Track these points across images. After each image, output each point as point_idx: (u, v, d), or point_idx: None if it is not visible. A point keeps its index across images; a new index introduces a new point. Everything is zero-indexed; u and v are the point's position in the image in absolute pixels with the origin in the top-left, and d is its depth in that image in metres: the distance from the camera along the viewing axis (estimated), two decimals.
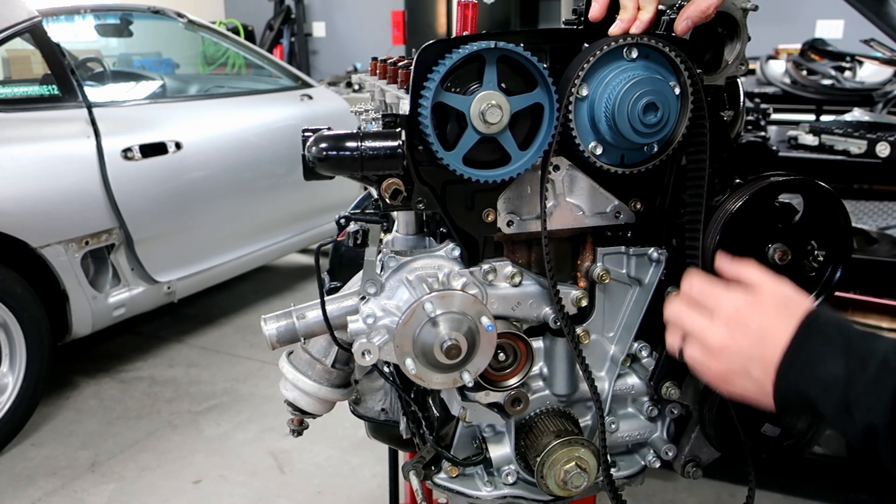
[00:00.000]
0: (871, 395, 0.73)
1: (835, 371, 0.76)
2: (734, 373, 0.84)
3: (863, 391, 0.74)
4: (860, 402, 0.74)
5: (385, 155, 0.94)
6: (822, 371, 0.77)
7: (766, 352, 0.80)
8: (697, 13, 0.92)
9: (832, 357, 0.77)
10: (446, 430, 1.13)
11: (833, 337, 0.78)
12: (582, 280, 1.09)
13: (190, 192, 3.37)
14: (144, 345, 3.72)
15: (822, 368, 0.77)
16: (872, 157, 2.23)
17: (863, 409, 0.74)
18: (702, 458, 1.15)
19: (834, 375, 0.76)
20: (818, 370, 0.77)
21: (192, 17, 3.94)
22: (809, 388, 0.78)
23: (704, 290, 0.87)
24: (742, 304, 0.84)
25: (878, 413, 0.73)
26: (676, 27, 0.93)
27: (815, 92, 3.56)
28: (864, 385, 0.74)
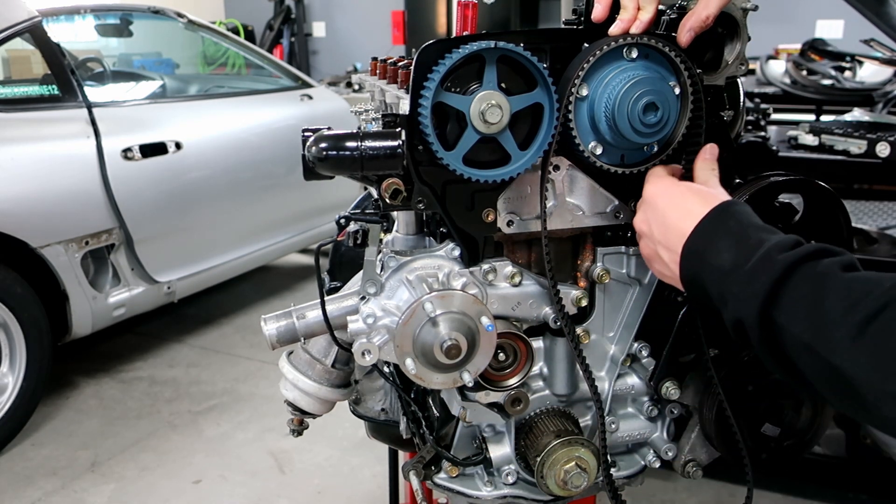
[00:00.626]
0: (744, 287, 0.73)
1: (722, 259, 0.77)
2: (651, 255, 0.92)
3: (737, 282, 0.74)
4: (733, 294, 0.75)
5: (385, 155, 0.94)
6: (713, 259, 0.78)
7: (671, 237, 0.86)
8: (698, 23, 0.92)
9: (725, 247, 0.78)
10: (446, 430, 1.13)
11: (732, 228, 0.80)
12: (582, 280, 1.09)
13: (190, 192, 3.37)
14: (144, 345, 3.72)
15: (713, 255, 0.79)
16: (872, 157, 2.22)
17: (734, 301, 0.74)
18: (702, 458, 1.15)
19: (721, 263, 0.77)
20: (710, 258, 0.79)
21: (192, 17, 3.94)
22: (703, 275, 0.80)
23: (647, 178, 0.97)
24: (658, 190, 0.91)
25: (745, 305, 0.73)
26: (679, 40, 0.93)
27: (815, 92, 3.56)
28: (741, 276, 0.74)
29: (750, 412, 1.08)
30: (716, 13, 0.92)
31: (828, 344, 0.66)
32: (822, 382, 0.69)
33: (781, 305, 0.70)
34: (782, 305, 0.70)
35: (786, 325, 0.70)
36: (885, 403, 0.63)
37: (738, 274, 0.75)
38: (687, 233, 0.83)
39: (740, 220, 0.81)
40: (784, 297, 0.70)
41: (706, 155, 0.96)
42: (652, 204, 0.91)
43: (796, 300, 0.70)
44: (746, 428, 1.08)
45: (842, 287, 0.68)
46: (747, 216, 0.81)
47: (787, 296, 0.70)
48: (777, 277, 0.71)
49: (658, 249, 0.89)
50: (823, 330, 0.67)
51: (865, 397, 0.64)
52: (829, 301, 0.67)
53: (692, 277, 0.83)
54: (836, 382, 0.67)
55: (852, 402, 0.67)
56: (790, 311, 0.70)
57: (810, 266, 0.71)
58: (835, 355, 0.66)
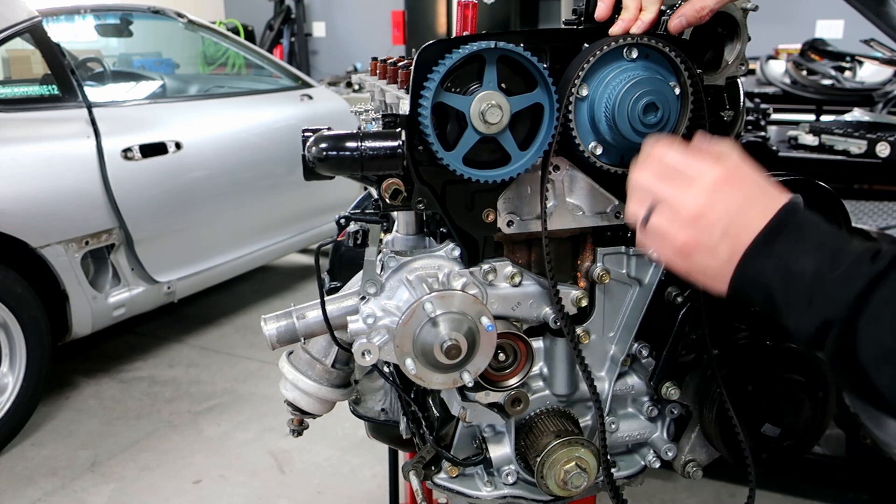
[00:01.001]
0: (837, 289, 0.72)
1: (804, 265, 0.74)
2: (701, 247, 0.80)
3: (829, 285, 0.72)
4: (824, 296, 0.73)
5: (385, 155, 0.94)
6: (792, 262, 0.75)
7: (742, 229, 0.78)
8: (692, 13, 0.92)
9: (804, 252, 0.75)
10: (446, 430, 1.13)
11: (809, 231, 0.77)
12: (582, 280, 1.09)
13: (190, 192, 3.37)
14: (144, 345, 3.72)
15: (792, 260, 0.75)
16: (872, 157, 2.23)
17: (823, 304, 0.72)
18: (702, 458, 1.15)
19: (802, 269, 0.74)
20: (788, 260, 0.75)
21: (192, 17, 3.94)
22: (773, 277, 0.76)
23: (684, 159, 0.83)
24: (726, 175, 0.80)
25: (837, 307, 0.71)
26: (670, 24, 0.93)
27: (815, 92, 3.56)
28: (832, 280, 0.72)
29: (750, 412, 1.08)
30: (713, 7, 0.92)
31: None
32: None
33: (870, 312, 0.69)
34: (871, 312, 0.69)
35: (872, 332, 0.69)
36: None
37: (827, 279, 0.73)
38: (757, 227, 0.77)
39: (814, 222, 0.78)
40: (873, 304, 0.69)
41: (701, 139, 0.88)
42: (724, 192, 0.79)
43: (886, 307, 0.69)
44: (746, 428, 1.08)
45: None
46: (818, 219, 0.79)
47: (877, 302, 0.69)
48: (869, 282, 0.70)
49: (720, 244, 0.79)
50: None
51: None
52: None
53: (753, 277, 0.77)
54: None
55: None
56: (879, 317, 0.69)
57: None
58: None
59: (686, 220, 0.80)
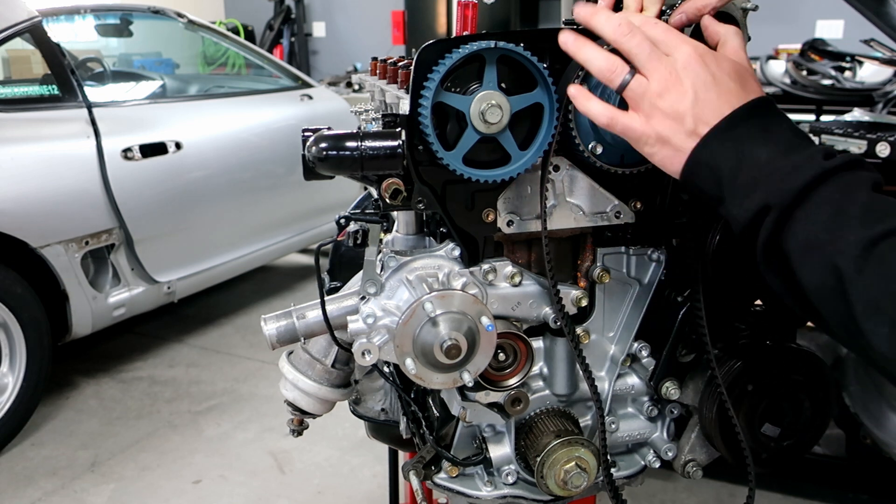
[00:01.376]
0: (784, 177, 0.73)
1: (758, 154, 0.76)
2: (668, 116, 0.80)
3: (777, 173, 0.74)
4: (769, 182, 0.74)
5: (385, 155, 0.94)
6: (747, 150, 0.76)
7: (708, 110, 0.79)
8: (693, 10, 0.91)
9: (762, 142, 0.76)
10: (446, 430, 1.13)
11: (772, 126, 0.78)
12: (582, 280, 1.09)
13: (190, 192, 3.37)
14: (144, 345, 3.72)
15: (748, 148, 0.76)
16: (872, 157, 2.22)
17: (767, 189, 0.74)
18: (702, 458, 1.15)
19: (755, 156, 0.76)
20: (743, 148, 0.77)
21: (192, 17, 3.94)
22: (725, 161, 0.77)
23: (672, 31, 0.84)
24: (710, 56, 0.81)
25: (780, 193, 0.73)
26: (671, 21, 0.93)
27: (815, 92, 3.56)
28: (781, 168, 0.74)
29: (750, 412, 1.08)
30: (715, 5, 0.91)
31: (837, 245, 0.68)
32: (815, 286, 0.70)
33: (809, 204, 0.72)
34: (810, 204, 0.72)
35: (806, 223, 0.71)
36: (870, 318, 0.65)
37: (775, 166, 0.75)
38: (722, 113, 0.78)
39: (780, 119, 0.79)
40: (814, 197, 0.72)
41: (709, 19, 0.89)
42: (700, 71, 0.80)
43: (824, 202, 0.71)
44: (746, 428, 1.08)
45: (869, 200, 0.70)
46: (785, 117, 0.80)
47: (818, 196, 0.72)
48: (815, 177, 0.72)
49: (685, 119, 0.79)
50: (839, 232, 0.69)
51: (854, 307, 0.66)
52: (853, 209, 0.69)
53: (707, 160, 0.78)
54: (832, 288, 0.68)
55: (839, 312, 0.68)
56: (816, 210, 0.71)
57: (846, 175, 0.72)
58: (840, 257, 0.67)
59: (660, 86, 0.81)
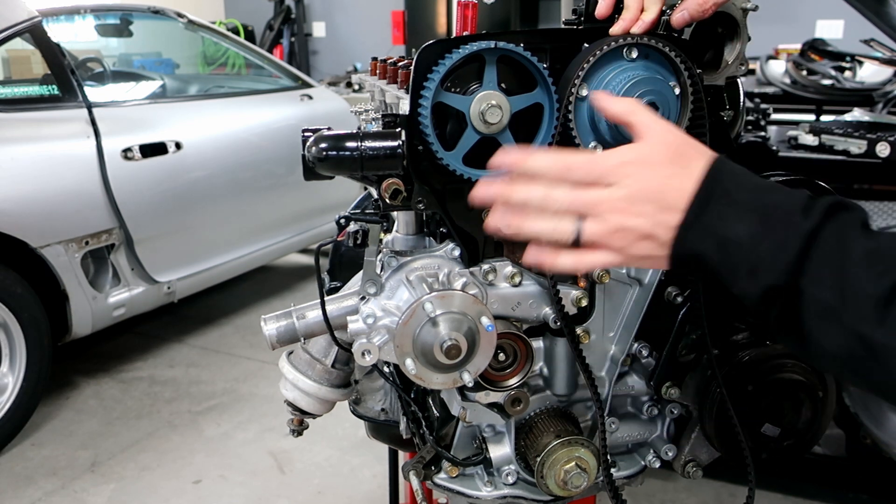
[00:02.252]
0: (774, 254, 0.70)
1: (738, 232, 0.72)
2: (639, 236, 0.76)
3: (766, 251, 0.71)
4: (762, 263, 0.71)
5: (385, 155, 0.94)
6: (725, 231, 0.73)
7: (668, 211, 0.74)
8: (695, 7, 0.91)
9: (736, 217, 0.72)
10: (446, 430, 1.13)
11: (738, 193, 0.74)
12: (582, 280, 1.09)
13: (190, 192, 3.37)
14: (144, 345, 3.72)
15: (725, 229, 0.73)
16: (872, 157, 2.22)
17: (764, 271, 0.71)
18: (702, 458, 1.15)
19: (737, 236, 0.72)
20: (721, 231, 0.73)
21: (192, 17, 3.94)
22: (708, 250, 0.74)
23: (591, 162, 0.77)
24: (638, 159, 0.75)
25: (777, 272, 0.70)
26: (673, 18, 0.93)
27: (815, 92, 3.56)
28: (767, 245, 0.71)
29: (750, 412, 1.08)
30: (716, 2, 0.91)
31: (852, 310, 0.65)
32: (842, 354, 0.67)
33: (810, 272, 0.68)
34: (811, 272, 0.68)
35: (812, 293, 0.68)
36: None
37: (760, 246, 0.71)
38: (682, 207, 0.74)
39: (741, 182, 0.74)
40: (812, 263, 0.68)
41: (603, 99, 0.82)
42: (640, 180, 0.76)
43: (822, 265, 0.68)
44: (746, 428, 1.08)
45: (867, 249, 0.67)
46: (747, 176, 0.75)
47: (813, 262, 0.68)
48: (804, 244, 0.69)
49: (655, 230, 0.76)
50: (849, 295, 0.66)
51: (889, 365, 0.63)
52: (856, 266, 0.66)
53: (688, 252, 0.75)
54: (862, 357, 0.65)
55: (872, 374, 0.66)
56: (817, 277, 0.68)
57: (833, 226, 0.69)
58: (862, 323, 0.64)
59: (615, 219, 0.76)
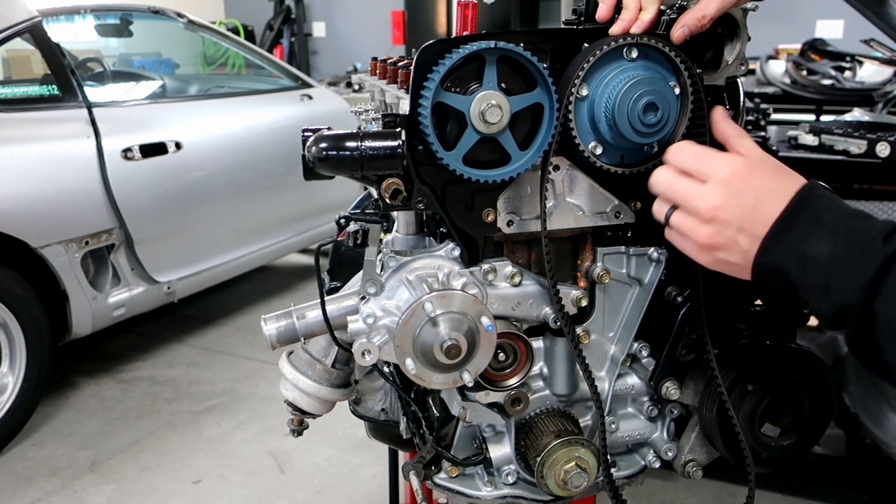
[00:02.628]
0: (851, 274, 0.73)
1: (819, 251, 0.76)
2: (722, 239, 0.83)
3: (843, 271, 0.74)
4: (839, 282, 0.74)
5: (385, 155, 0.94)
6: (807, 249, 0.76)
7: (757, 221, 0.80)
8: (694, 22, 0.92)
9: (819, 237, 0.76)
10: (446, 430, 1.13)
11: (823, 216, 0.77)
12: (582, 280, 1.09)
13: (190, 192, 3.37)
14: (144, 345, 3.72)
15: (807, 247, 0.77)
16: (872, 157, 2.22)
17: (839, 289, 0.74)
18: (702, 458, 1.15)
19: (817, 255, 0.76)
20: (803, 248, 0.77)
21: (192, 17, 3.94)
22: (790, 265, 0.78)
23: (699, 155, 0.87)
24: (740, 167, 0.83)
25: (853, 293, 0.73)
26: (673, 35, 0.93)
27: (815, 92, 3.56)
28: (845, 265, 0.74)
29: (750, 412, 1.08)
30: (714, 15, 0.92)
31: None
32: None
33: (884, 293, 0.71)
34: (885, 293, 0.71)
35: (886, 312, 0.70)
36: None
37: (840, 263, 0.74)
38: (772, 217, 0.79)
39: (829, 204, 0.78)
40: (887, 285, 0.71)
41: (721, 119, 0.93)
42: (737, 184, 0.82)
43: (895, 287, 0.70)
44: (746, 428, 1.08)
45: None
46: (834, 200, 0.79)
47: (889, 284, 0.70)
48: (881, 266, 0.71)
49: (738, 237, 0.81)
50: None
51: None
52: None
53: (772, 266, 0.79)
54: None
55: None
56: (891, 298, 0.70)
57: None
58: None
59: (704, 215, 0.83)
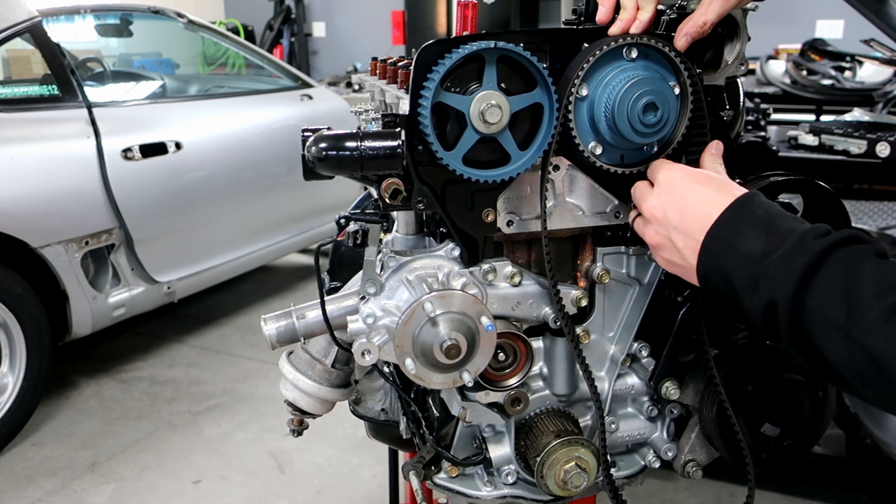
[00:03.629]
0: (779, 269, 0.74)
1: (753, 247, 0.78)
2: (660, 238, 0.90)
3: (772, 266, 0.75)
4: (767, 277, 0.76)
5: (385, 155, 0.94)
6: (742, 246, 0.79)
7: (690, 222, 0.85)
8: (695, 29, 0.92)
9: (754, 235, 0.79)
10: (446, 430, 1.13)
11: (760, 216, 0.80)
12: (582, 280, 1.09)
13: (190, 192, 3.37)
14: (144, 345, 3.72)
15: (742, 243, 0.79)
16: (872, 157, 2.23)
17: (767, 284, 0.75)
18: (702, 458, 1.15)
19: (751, 251, 0.78)
20: (738, 245, 0.80)
21: (192, 17, 3.94)
22: (728, 262, 0.81)
23: (655, 165, 0.95)
24: (678, 174, 0.90)
25: (780, 287, 0.74)
26: (676, 43, 0.93)
27: (815, 92, 3.56)
28: (775, 260, 0.75)
29: (750, 412, 1.08)
30: (714, 20, 0.92)
31: (860, 325, 0.67)
32: (849, 367, 0.69)
33: (815, 288, 0.71)
34: (816, 288, 0.71)
35: (818, 308, 0.71)
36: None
37: (770, 259, 0.75)
38: (711, 219, 0.83)
39: (768, 209, 0.81)
40: (818, 281, 0.71)
41: (713, 150, 0.96)
42: (669, 187, 0.89)
43: (831, 283, 0.71)
44: (746, 428, 1.08)
45: (876, 271, 0.69)
46: (773, 206, 0.82)
47: (822, 279, 0.71)
48: (813, 261, 0.72)
49: (672, 235, 0.87)
50: (857, 311, 0.68)
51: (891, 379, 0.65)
52: (863, 283, 0.68)
53: (713, 264, 0.83)
54: (866, 366, 0.67)
55: (879, 386, 0.67)
56: (824, 293, 0.71)
57: (844, 251, 0.72)
58: (868, 336, 0.66)
59: (647, 218, 0.93)
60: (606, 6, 0.94)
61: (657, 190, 0.91)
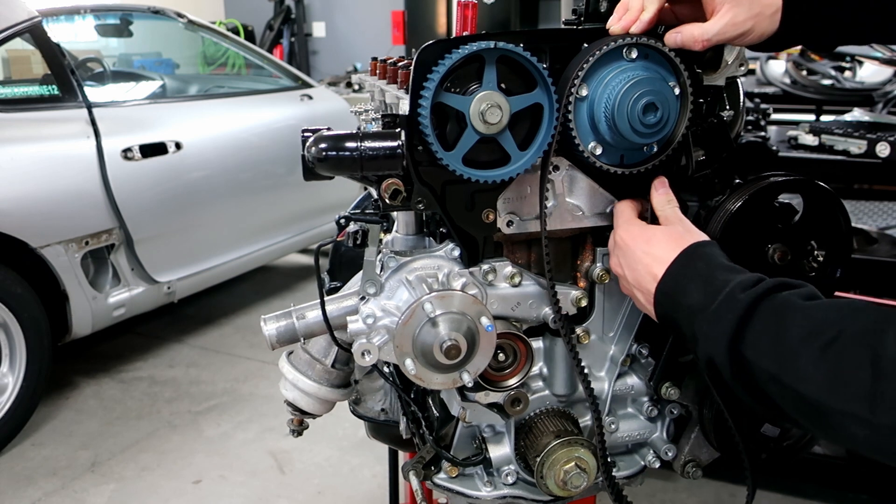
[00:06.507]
0: (712, 326, 0.77)
1: (693, 300, 0.81)
2: (627, 290, 0.97)
3: (706, 322, 0.78)
4: (703, 333, 0.78)
5: (385, 155, 0.94)
6: (684, 300, 0.83)
7: (644, 281, 0.90)
8: (690, 39, 0.91)
9: (694, 288, 0.82)
10: (446, 430, 1.13)
11: (700, 269, 0.84)
12: (582, 280, 1.09)
13: (190, 192, 3.37)
14: (144, 345, 3.72)
15: (684, 297, 0.83)
16: (872, 157, 2.23)
17: (703, 341, 0.78)
18: (702, 458, 1.15)
19: (691, 303, 0.81)
20: (681, 299, 0.83)
21: (192, 17, 3.93)
22: (676, 315, 0.85)
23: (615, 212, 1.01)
24: (627, 238, 0.95)
25: (714, 344, 0.77)
26: (666, 37, 0.93)
27: (815, 92, 3.56)
28: (707, 316, 0.78)
29: (749, 412, 1.08)
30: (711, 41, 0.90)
31: (792, 372, 0.70)
32: (793, 410, 0.72)
33: (747, 341, 0.74)
34: (748, 341, 0.74)
35: (753, 360, 0.73)
36: (847, 423, 0.66)
37: (705, 314, 0.79)
38: (658, 277, 0.88)
39: (708, 261, 0.85)
40: (749, 333, 0.74)
41: (659, 190, 0.98)
42: (623, 249, 0.95)
43: (760, 334, 0.73)
44: (746, 428, 1.08)
45: (801, 317, 0.71)
46: (714, 257, 0.85)
47: (752, 331, 0.74)
48: (741, 315, 0.75)
49: (633, 290, 0.94)
50: (787, 360, 0.70)
51: (829, 419, 0.67)
52: (789, 332, 0.71)
53: (666, 317, 0.88)
54: (805, 408, 0.70)
55: (820, 426, 0.70)
56: (756, 345, 0.73)
57: (770, 300, 0.75)
58: (800, 383, 0.69)
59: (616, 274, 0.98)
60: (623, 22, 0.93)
61: (615, 250, 0.98)
